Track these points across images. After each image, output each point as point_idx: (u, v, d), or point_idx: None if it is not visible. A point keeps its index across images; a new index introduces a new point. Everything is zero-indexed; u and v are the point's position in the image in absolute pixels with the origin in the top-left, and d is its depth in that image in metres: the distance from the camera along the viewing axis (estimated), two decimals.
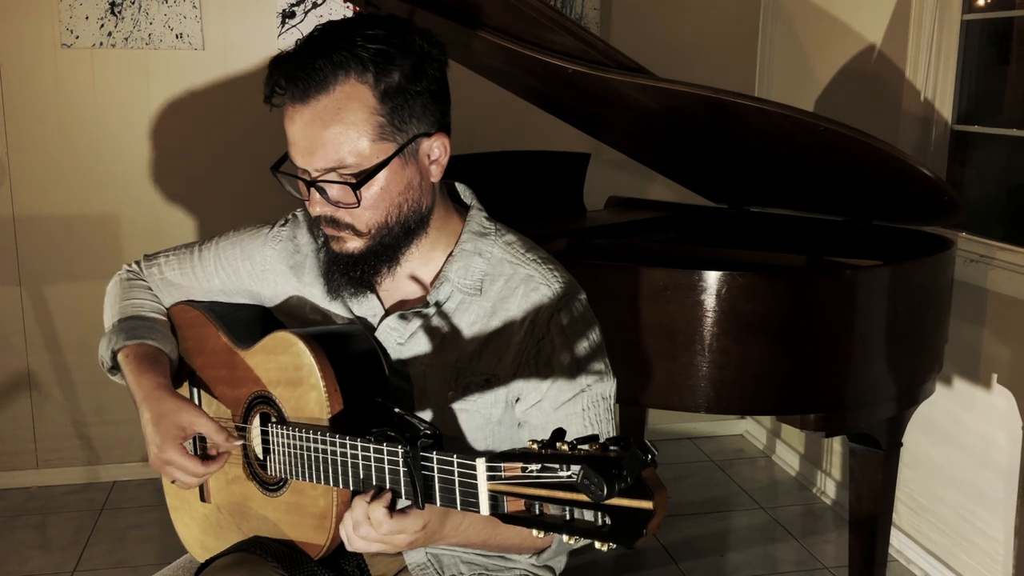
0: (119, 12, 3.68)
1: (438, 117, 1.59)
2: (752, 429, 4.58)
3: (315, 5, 3.79)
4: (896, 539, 3.41)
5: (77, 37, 3.68)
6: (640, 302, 2.47)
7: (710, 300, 2.40)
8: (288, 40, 3.77)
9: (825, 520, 3.78)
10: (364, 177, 1.53)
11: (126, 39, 3.70)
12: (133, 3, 3.67)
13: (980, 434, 3.06)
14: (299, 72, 1.51)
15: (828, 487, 3.92)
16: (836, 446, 3.87)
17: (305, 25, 3.78)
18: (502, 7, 2.56)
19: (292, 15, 3.79)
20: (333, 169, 1.54)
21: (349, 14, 3.77)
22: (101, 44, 3.70)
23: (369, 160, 1.53)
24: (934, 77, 3.21)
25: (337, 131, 1.51)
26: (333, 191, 1.56)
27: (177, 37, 3.74)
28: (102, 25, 3.68)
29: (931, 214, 2.86)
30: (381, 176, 1.55)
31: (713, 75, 4.09)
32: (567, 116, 3.39)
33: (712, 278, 2.40)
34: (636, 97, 2.75)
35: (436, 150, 1.60)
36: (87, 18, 3.66)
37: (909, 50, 3.28)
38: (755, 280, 2.41)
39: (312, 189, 1.57)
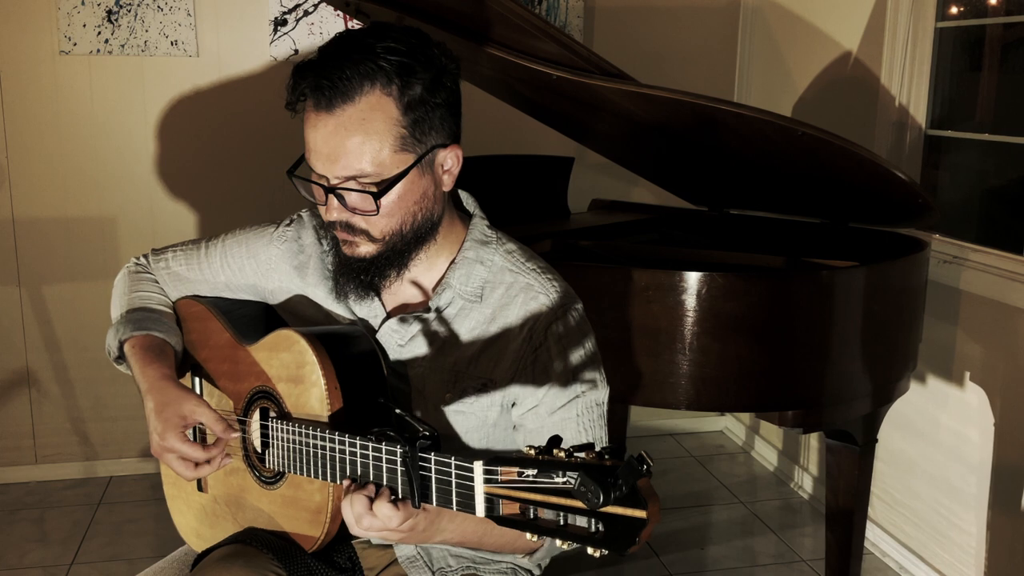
0: (116, 20, 3.64)
1: (453, 129, 1.58)
2: (732, 425, 4.57)
3: (306, 13, 3.76)
4: (872, 532, 3.40)
5: (75, 44, 3.64)
6: (623, 302, 2.45)
7: (691, 300, 2.38)
8: (280, 47, 3.74)
9: (803, 514, 3.77)
10: (385, 187, 1.52)
11: (122, 46, 3.67)
12: (129, 11, 3.64)
13: (953, 430, 3.05)
14: (324, 81, 1.49)
15: (805, 482, 3.91)
16: (813, 442, 3.85)
17: (297, 32, 3.75)
18: (488, 15, 2.55)
19: (284, 23, 3.76)
20: (353, 177, 1.52)
21: (340, 22, 3.75)
22: (98, 51, 3.67)
23: (389, 170, 1.52)
24: (908, 83, 3.20)
25: (360, 140, 1.49)
26: (351, 198, 1.54)
27: (172, 44, 3.71)
28: (99, 32, 3.64)
29: (906, 216, 2.84)
30: (399, 185, 1.54)
31: (693, 81, 4.08)
32: (552, 121, 3.36)
33: (693, 278, 2.38)
34: (619, 102, 2.73)
35: (450, 161, 1.60)
36: (84, 26, 3.63)
37: (884, 57, 3.26)
38: (734, 280, 2.40)
39: (330, 195, 1.55)
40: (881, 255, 2.74)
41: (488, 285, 1.67)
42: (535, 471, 1.15)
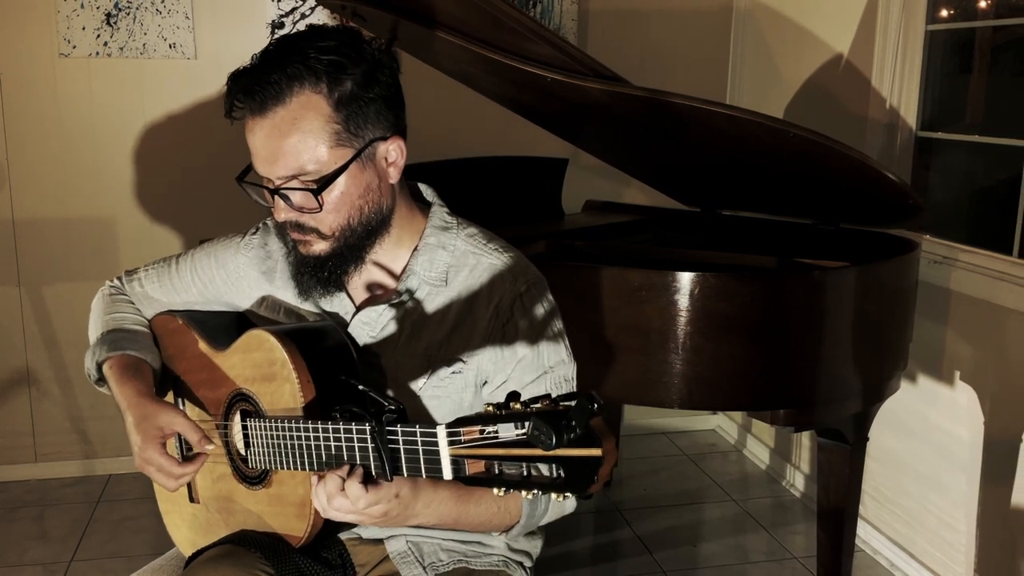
0: (115, 23, 3.63)
1: (392, 121, 1.59)
2: (724, 424, 4.56)
3: (303, 16, 3.75)
4: (863, 530, 3.38)
5: (74, 47, 3.62)
6: (616, 302, 2.44)
7: (684, 300, 2.37)
8: None
9: (794, 512, 3.76)
10: (324, 183, 1.54)
11: (121, 49, 3.65)
12: (128, 14, 3.62)
13: (943, 429, 3.04)
14: (256, 86, 1.52)
15: (797, 480, 3.90)
16: (805, 440, 3.84)
17: None
18: (484, 18, 2.54)
19: (281, 26, 3.74)
20: (294, 176, 1.54)
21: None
22: (97, 54, 3.65)
23: (328, 166, 1.54)
24: (899, 85, 3.18)
25: (295, 140, 1.51)
26: (296, 197, 1.56)
27: (170, 47, 3.69)
28: (98, 35, 3.63)
29: (896, 217, 2.83)
30: (340, 181, 1.55)
31: (686, 83, 4.06)
32: (546, 123, 3.35)
33: (685, 279, 2.37)
34: (612, 104, 2.72)
35: (392, 153, 1.60)
36: (84, 28, 3.61)
37: (875, 59, 3.25)
38: (727, 281, 2.38)
39: (276, 196, 1.58)
40: (872, 255, 2.73)
41: (452, 269, 1.69)
42: (495, 427, 1.16)
